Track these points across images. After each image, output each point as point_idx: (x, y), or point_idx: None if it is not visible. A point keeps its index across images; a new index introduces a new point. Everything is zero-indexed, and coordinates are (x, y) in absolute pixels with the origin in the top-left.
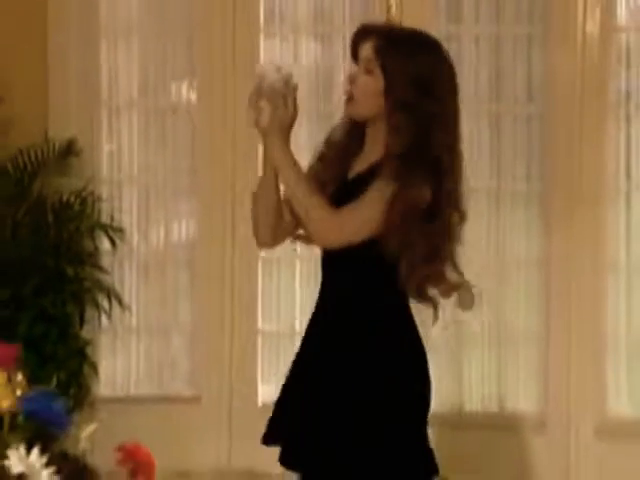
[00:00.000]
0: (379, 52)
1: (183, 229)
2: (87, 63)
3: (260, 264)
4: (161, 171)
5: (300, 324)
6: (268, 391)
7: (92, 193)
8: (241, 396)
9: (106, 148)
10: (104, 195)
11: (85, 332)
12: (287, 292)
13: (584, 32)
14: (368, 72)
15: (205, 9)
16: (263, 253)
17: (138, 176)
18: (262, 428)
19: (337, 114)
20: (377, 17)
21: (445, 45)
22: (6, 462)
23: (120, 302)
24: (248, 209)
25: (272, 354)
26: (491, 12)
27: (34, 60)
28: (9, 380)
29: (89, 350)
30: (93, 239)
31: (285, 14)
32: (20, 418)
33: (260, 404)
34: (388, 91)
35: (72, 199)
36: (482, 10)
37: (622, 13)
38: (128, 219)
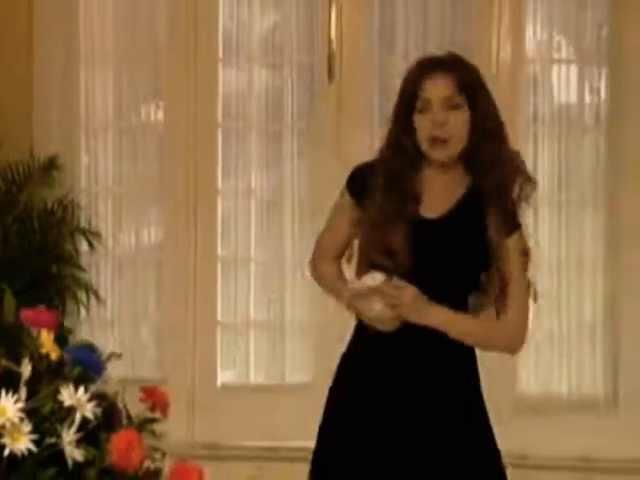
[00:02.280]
0: (463, 86)
1: (152, 233)
2: (67, 90)
3: (219, 264)
4: (132, 182)
5: (254, 316)
6: (226, 374)
7: (72, 202)
8: (202, 379)
9: (84, 162)
10: (82, 203)
11: (66, 323)
12: (243, 288)
13: (498, 63)
14: (454, 107)
15: (170, 42)
16: (221, 254)
17: (112, 187)
18: (221, 406)
19: (285, 133)
20: (320, 49)
21: (378, 74)
22: (59, 397)
23: (97, 297)
24: (208, 215)
25: (230, 343)
26: (419, 45)
27: (20, 86)
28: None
29: (71, 339)
30: (73, 242)
31: (241, 46)
32: (67, 365)
33: (219, 385)
34: (477, 124)
35: (55, 207)
36: (411, 43)
37: (530, 46)
38: (104, 224)
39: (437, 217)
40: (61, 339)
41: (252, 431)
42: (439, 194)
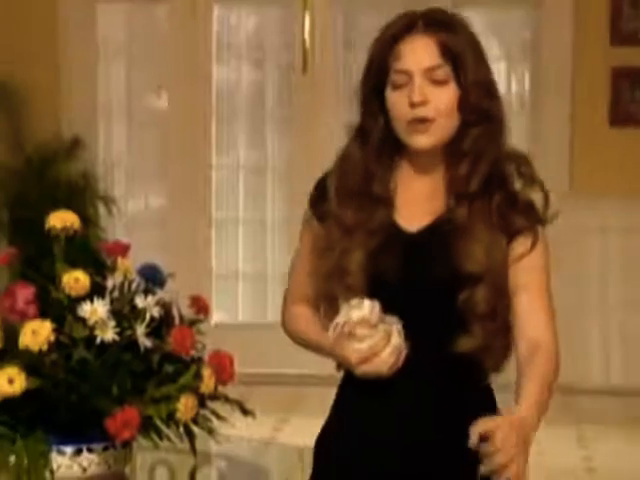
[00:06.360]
0: (450, 52)
1: (158, 199)
2: (88, 79)
3: (214, 225)
4: (142, 157)
5: (242, 267)
6: (219, 316)
7: (92, 174)
8: None
9: (101, 141)
10: (100, 175)
11: None
12: (233, 244)
13: None
14: (440, 83)
15: (173, 43)
16: (215, 216)
17: (126, 161)
18: (214, 341)
19: (267, 117)
20: (295, 48)
21: (343, 66)
22: (134, 302)
23: None
24: (204, 185)
25: (222, 291)
26: None
27: (50, 78)
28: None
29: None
30: (94, 207)
31: (231, 46)
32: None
33: (213, 324)
34: (465, 105)
35: (78, 179)
36: (370, 41)
37: None
38: (119, 192)
39: (419, 230)
40: None
41: (240, 360)
42: (417, 201)
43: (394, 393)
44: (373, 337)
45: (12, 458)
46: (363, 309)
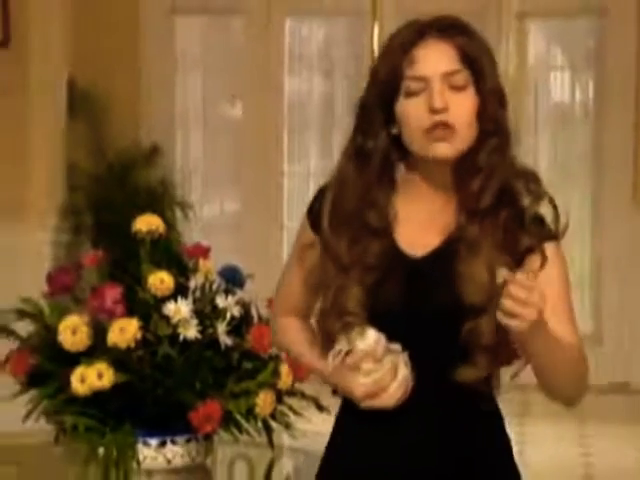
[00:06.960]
0: (468, 57)
1: (233, 204)
2: (166, 89)
3: (285, 230)
4: (218, 164)
5: None
6: None
7: (170, 180)
8: None
9: (179, 149)
10: (178, 181)
11: None
12: None
13: (506, 71)
14: (459, 89)
15: (248, 55)
16: (287, 224)
17: (202, 168)
18: None
19: (337, 126)
20: (365, 59)
21: None
22: (215, 302)
23: None
24: (276, 192)
25: None
26: None
27: (130, 88)
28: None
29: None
30: (172, 211)
31: (303, 56)
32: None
33: None
34: (484, 114)
35: (156, 185)
36: None
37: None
38: (195, 197)
39: (424, 255)
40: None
41: None
42: (422, 222)
43: (398, 422)
44: (379, 371)
45: (101, 450)
46: (367, 339)
